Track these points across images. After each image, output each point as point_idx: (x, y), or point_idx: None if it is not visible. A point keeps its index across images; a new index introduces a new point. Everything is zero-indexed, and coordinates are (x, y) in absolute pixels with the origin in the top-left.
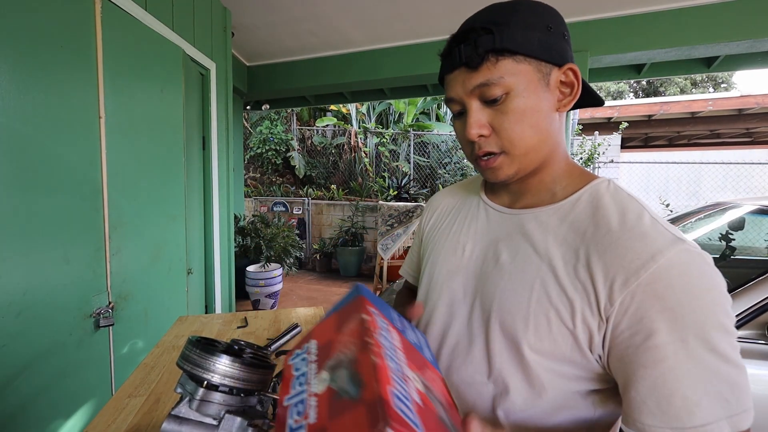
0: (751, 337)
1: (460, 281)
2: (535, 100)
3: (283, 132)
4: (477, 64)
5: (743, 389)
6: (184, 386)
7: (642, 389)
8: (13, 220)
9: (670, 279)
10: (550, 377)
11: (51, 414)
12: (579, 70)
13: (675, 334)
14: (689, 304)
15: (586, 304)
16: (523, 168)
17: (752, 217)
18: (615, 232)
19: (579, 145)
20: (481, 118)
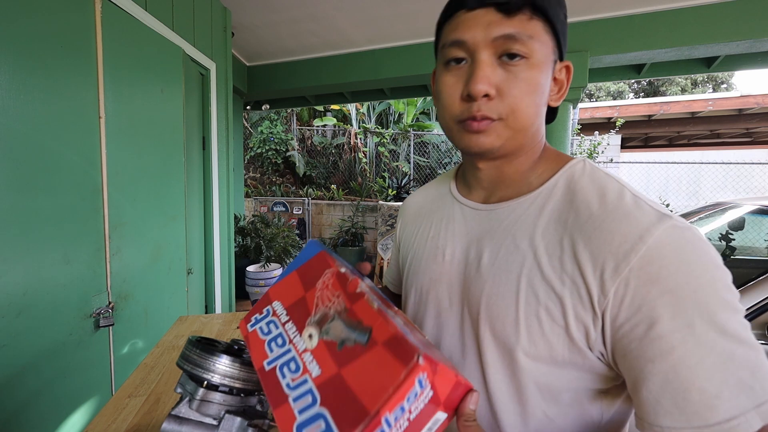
0: None
1: (444, 289)
2: (545, 78)
3: (283, 132)
4: (513, 11)
5: (765, 372)
6: (184, 386)
7: (653, 387)
8: (13, 220)
9: (664, 259)
10: (551, 387)
11: (51, 414)
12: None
13: (679, 320)
14: (689, 284)
15: (577, 299)
16: (509, 145)
17: (752, 217)
18: (597, 216)
19: (578, 145)
20: (492, 76)
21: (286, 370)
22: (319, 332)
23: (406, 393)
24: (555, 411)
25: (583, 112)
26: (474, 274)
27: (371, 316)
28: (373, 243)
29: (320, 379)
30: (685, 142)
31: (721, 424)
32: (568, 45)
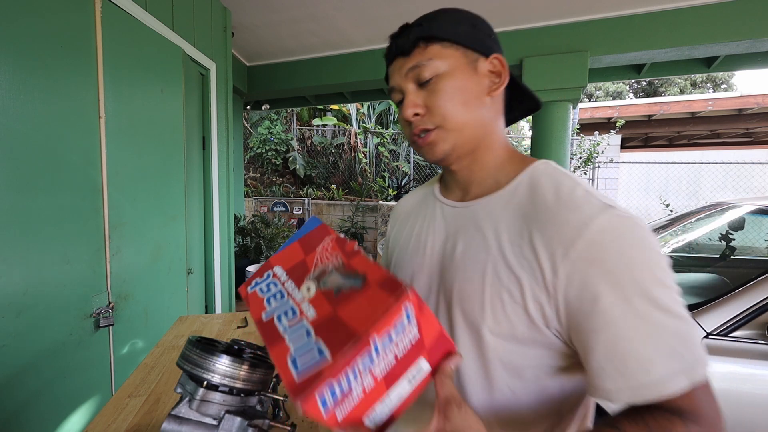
0: (752, 337)
1: (425, 279)
2: (463, 81)
3: (283, 132)
4: (409, 50)
5: (693, 341)
6: (184, 386)
7: (598, 356)
8: (13, 219)
9: (604, 243)
10: (515, 363)
11: (51, 414)
12: (506, 61)
13: (618, 295)
14: (626, 264)
15: (533, 280)
16: (459, 145)
17: (752, 217)
18: (551, 208)
19: (578, 145)
20: (416, 99)
21: (283, 317)
22: (317, 285)
23: (393, 319)
24: (518, 386)
25: (583, 112)
26: (449, 263)
27: (366, 265)
28: (373, 243)
29: (316, 320)
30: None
31: (654, 384)
32: (567, 45)
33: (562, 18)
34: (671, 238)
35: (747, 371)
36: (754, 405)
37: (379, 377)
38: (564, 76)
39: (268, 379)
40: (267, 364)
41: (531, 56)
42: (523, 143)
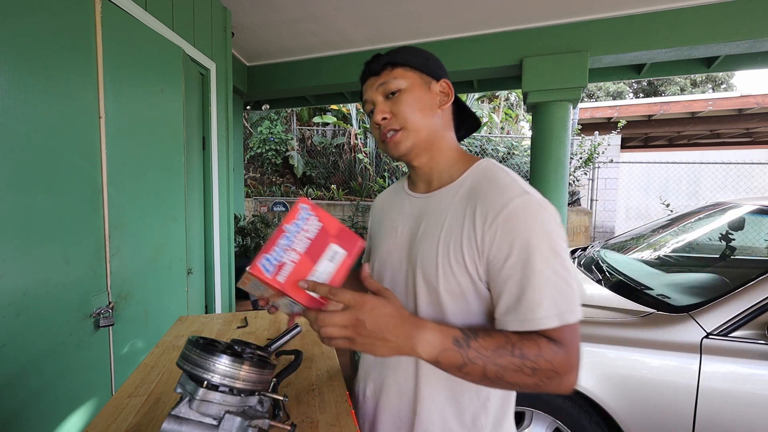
0: (752, 337)
1: (396, 256)
2: (419, 95)
3: (283, 132)
4: (379, 71)
5: (569, 296)
6: (184, 386)
7: (504, 298)
8: (13, 219)
9: (517, 217)
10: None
11: (51, 414)
12: (452, 85)
13: (522, 255)
14: (529, 233)
15: (470, 245)
16: (417, 143)
17: (752, 217)
18: (485, 190)
19: (578, 145)
20: (384, 107)
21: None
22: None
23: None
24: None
25: (583, 112)
26: (414, 241)
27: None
28: None
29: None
30: (685, 142)
31: (534, 320)
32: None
33: (562, 18)
34: (671, 238)
35: (747, 371)
36: (754, 405)
37: (301, 252)
38: (564, 76)
39: (268, 379)
40: (267, 364)
41: (531, 56)
42: (523, 143)
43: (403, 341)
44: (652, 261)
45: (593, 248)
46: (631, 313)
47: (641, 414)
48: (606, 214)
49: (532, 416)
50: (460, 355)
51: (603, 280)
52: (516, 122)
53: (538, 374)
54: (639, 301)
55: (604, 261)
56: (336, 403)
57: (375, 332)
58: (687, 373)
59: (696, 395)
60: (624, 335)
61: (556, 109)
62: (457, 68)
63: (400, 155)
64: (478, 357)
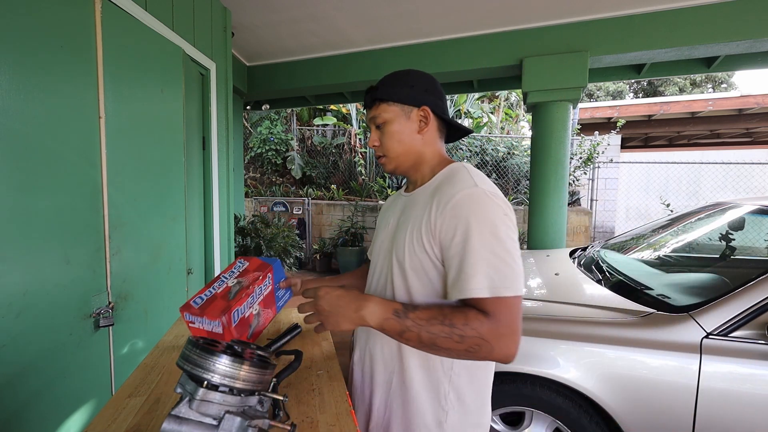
0: (752, 338)
1: (385, 245)
2: (399, 127)
3: (283, 132)
4: (370, 105)
5: (505, 273)
6: (184, 386)
7: (450, 273)
8: (13, 220)
9: (463, 204)
10: (424, 289)
11: (51, 414)
12: (432, 110)
13: (464, 236)
14: (472, 219)
15: (427, 229)
16: (398, 165)
17: (752, 217)
18: (444, 185)
19: (578, 145)
20: (375, 136)
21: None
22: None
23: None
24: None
25: (583, 112)
26: (396, 229)
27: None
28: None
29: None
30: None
31: (468, 290)
32: (567, 45)
33: (562, 18)
34: (671, 238)
35: (747, 371)
36: (754, 405)
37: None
38: (564, 76)
39: (268, 379)
40: (267, 364)
41: (531, 56)
42: (523, 143)
43: (354, 314)
44: (652, 261)
45: (593, 248)
46: (631, 313)
47: (641, 414)
48: (606, 214)
49: (532, 416)
50: (399, 324)
51: (603, 280)
52: (516, 122)
53: (466, 341)
54: (639, 301)
55: (604, 261)
56: (336, 404)
57: (331, 311)
58: (687, 373)
59: (696, 395)
60: (624, 335)
61: (556, 109)
62: (457, 68)
63: (387, 172)
64: (414, 325)
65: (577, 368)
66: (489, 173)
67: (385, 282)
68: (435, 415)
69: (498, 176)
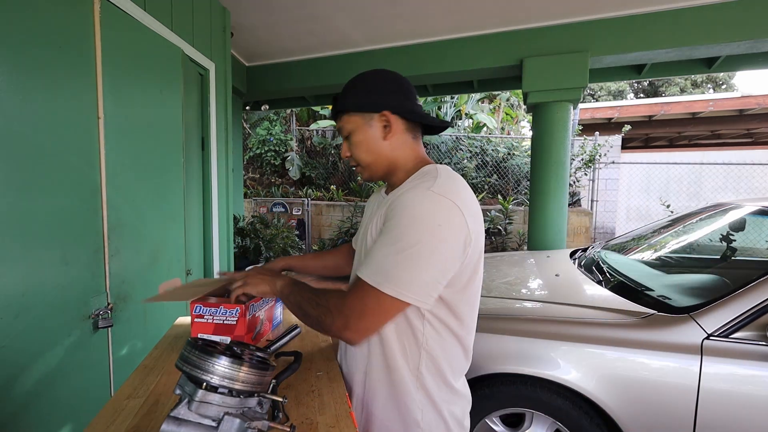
0: (752, 339)
1: (362, 245)
2: (363, 136)
3: (282, 133)
4: (336, 117)
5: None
6: (183, 388)
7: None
8: (11, 221)
9: (402, 203)
10: None
11: (49, 415)
12: (392, 114)
13: (385, 231)
14: (401, 216)
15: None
16: (373, 174)
17: (753, 218)
18: (406, 184)
19: (580, 146)
20: (345, 147)
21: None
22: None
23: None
24: None
25: (584, 113)
26: (364, 230)
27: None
28: None
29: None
30: (685, 142)
31: (362, 276)
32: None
33: (562, 18)
34: (672, 239)
35: (747, 372)
36: (754, 407)
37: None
38: (564, 76)
39: (267, 381)
40: (266, 366)
41: (531, 56)
42: (523, 144)
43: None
44: (652, 262)
45: (594, 249)
46: (632, 314)
47: (642, 415)
48: (607, 214)
49: (532, 418)
50: (290, 291)
51: (603, 281)
52: (516, 123)
53: (319, 308)
54: (640, 302)
55: (605, 262)
56: (335, 405)
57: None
58: (688, 374)
59: (697, 397)
60: (625, 336)
61: (557, 110)
62: (457, 68)
63: (364, 181)
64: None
65: (578, 369)
66: (489, 174)
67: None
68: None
69: (498, 177)
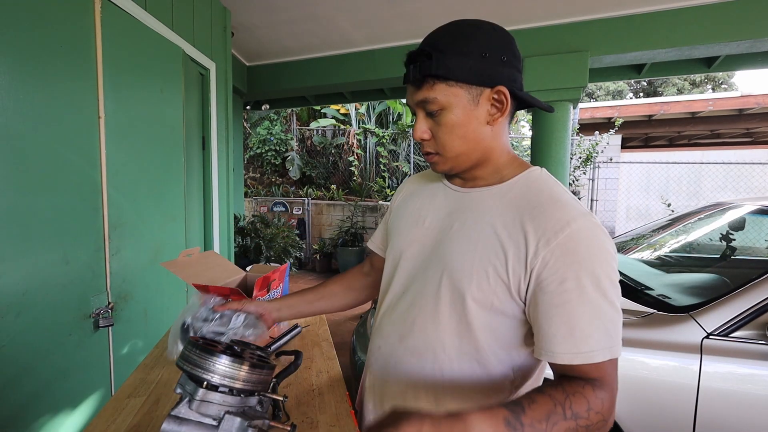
0: (752, 338)
1: (419, 249)
2: (464, 116)
3: (283, 132)
4: (419, 85)
5: (619, 328)
6: (183, 386)
7: (554, 324)
8: (12, 220)
9: (579, 240)
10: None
11: (50, 414)
12: (508, 91)
13: (578, 282)
14: (590, 260)
15: (517, 258)
16: (456, 166)
17: (753, 217)
18: (543, 204)
19: (577, 145)
20: (423, 125)
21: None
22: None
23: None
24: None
25: (583, 113)
26: (445, 237)
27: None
28: None
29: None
30: (685, 142)
31: (588, 352)
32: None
33: (562, 18)
34: (672, 239)
35: (747, 372)
36: (754, 406)
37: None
38: (564, 76)
39: (268, 380)
40: (267, 365)
41: (531, 56)
42: (523, 143)
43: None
44: (652, 261)
45: None
46: (632, 313)
47: (642, 414)
48: (606, 214)
49: None
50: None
51: None
52: (516, 122)
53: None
54: (639, 302)
55: None
56: (336, 404)
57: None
58: (687, 373)
59: (696, 396)
60: (624, 335)
61: (556, 110)
62: None
63: (438, 172)
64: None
65: None
66: None
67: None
68: None
69: None
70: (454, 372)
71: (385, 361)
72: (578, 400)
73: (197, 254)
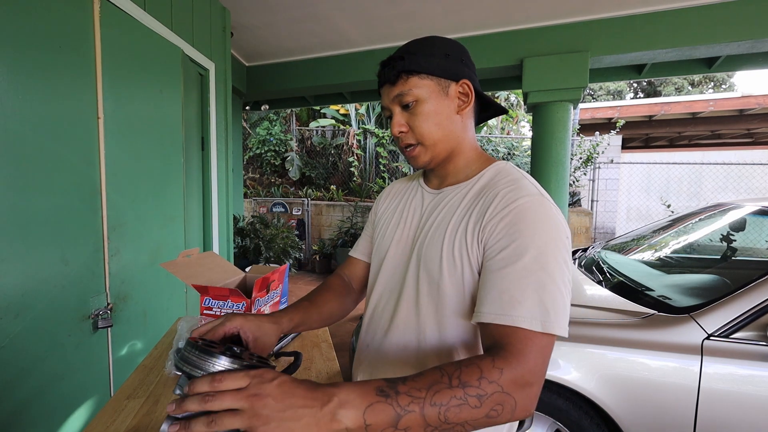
0: (752, 339)
1: (402, 246)
2: (436, 105)
3: (282, 133)
4: (394, 81)
5: (559, 306)
6: (182, 388)
7: (486, 287)
8: (11, 220)
9: (524, 214)
10: (459, 313)
11: (49, 415)
12: (472, 84)
13: (516, 251)
14: (533, 232)
15: (473, 236)
16: (436, 155)
17: (753, 218)
18: (498, 187)
19: (578, 145)
20: (401, 120)
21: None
22: None
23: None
24: (461, 325)
25: (584, 113)
26: (421, 233)
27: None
28: None
29: None
30: (686, 142)
31: (514, 317)
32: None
33: (562, 18)
34: (672, 239)
35: (747, 373)
36: (755, 407)
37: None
38: (564, 76)
39: None
40: (266, 366)
41: (531, 56)
42: (523, 144)
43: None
44: (653, 262)
45: (594, 249)
46: (632, 314)
47: (642, 415)
48: (607, 214)
49: (532, 418)
50: (390, 407)
51: (604, 281)
52: (516, 123)
53: (487, 402)
54: (640, 302)
55: (605, 262)
56: None
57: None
58: (688, 374)
59: (697, 397)
60: (625, 336)
61: (557, 110)
62: None
63: (419, 167)
64: (412, 402)
65: (578, 370)
66: None
67: (405, 295)
68: None
69: None
70: (437, 359)
71: (374, 357)
72: (470, 370)
73: (196, 255)
